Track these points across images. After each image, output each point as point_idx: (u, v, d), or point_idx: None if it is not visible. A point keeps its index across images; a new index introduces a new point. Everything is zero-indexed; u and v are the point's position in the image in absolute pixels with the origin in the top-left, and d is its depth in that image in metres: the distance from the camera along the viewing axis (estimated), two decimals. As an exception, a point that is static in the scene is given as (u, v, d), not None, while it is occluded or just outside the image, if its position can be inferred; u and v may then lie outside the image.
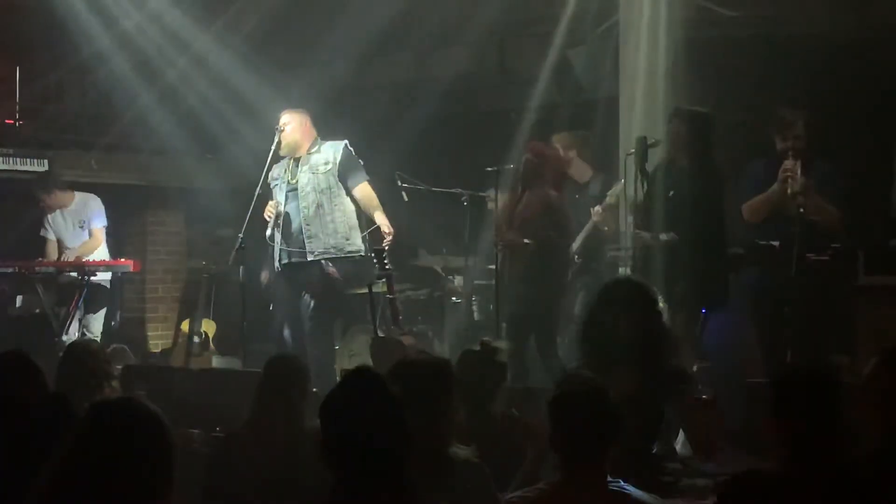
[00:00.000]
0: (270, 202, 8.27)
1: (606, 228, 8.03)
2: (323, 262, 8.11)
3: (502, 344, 5.36)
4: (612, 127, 8.27)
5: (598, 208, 7.96)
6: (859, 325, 6.11)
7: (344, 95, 10.04)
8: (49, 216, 9.70)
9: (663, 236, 6.67)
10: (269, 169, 8.26)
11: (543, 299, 7.46)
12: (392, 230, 8.07)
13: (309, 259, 8.13)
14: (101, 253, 9.72)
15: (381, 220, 8.10)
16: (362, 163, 8.30)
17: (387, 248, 8.09)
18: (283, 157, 8.32)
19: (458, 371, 4.26)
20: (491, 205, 8.28)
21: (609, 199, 7.96)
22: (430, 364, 4.07)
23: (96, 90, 10.42)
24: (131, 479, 2.77)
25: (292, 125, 8.24)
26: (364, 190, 8.22)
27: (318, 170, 8.18)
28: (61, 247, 9.68)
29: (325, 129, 8.43)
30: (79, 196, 9.74)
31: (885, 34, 8.01)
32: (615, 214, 7.96)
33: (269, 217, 8.21)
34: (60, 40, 10.01)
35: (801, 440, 3.06)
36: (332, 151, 8.22)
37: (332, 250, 8.12)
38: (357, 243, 8.21)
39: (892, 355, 3.34)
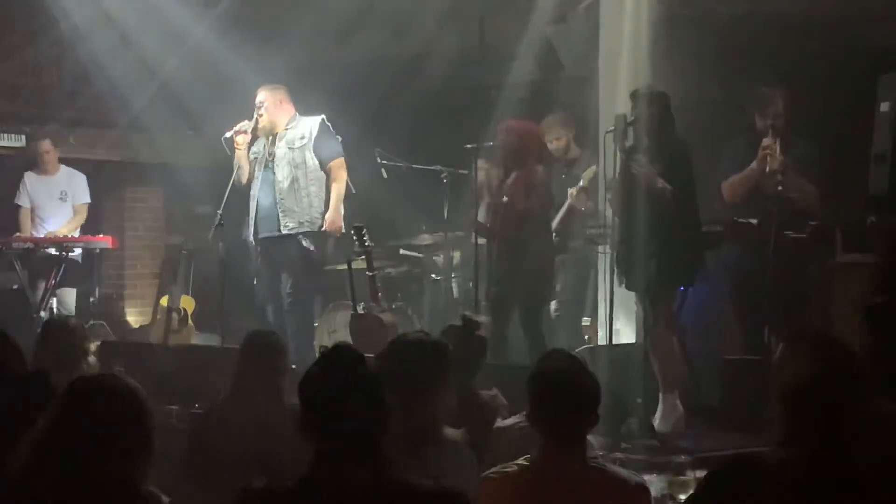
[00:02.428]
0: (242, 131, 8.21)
1: (583, 209, 8.03)
2: (301, 238, 8.10)
3: (483, 319, 5.36)
4: (593, 104, 8.25)
5: (572, 190, 7.96)
6: (836, 303, 6.14)
7: (323, 71, 9.98)
8: (27, 181, 9.65)
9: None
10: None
11: (527, 275, 7.43)
12: (335, 222, 8.05)
13: (283, 233, 8.11)
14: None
15: (332, 204, 8.07)
16: (340, 138, 8.28)
17: (364, 228, 8.10)
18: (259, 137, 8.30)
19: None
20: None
21: (582, 182, 7.96)
22: (429, 345, 4.06)
23: (74, 65, 10.34)
24: (110, 456, 2.77)
25: (266, 105, 8.18)
26: (335, 166, 8.18)
27: (293, 145, 8.16)
28: (34, 216, 9.64)
29: (303, 105, 8.39)
30: (64, 168, 9.81)
31: (865, 12, 8.02)
32: (591, 195, 7.96)
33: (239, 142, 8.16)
34: (38, 15, 9.93)
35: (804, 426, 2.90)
36: (308, 126, 8.20)
37: (305, 225, 8.10)
38: (332, 219, 8.19)
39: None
